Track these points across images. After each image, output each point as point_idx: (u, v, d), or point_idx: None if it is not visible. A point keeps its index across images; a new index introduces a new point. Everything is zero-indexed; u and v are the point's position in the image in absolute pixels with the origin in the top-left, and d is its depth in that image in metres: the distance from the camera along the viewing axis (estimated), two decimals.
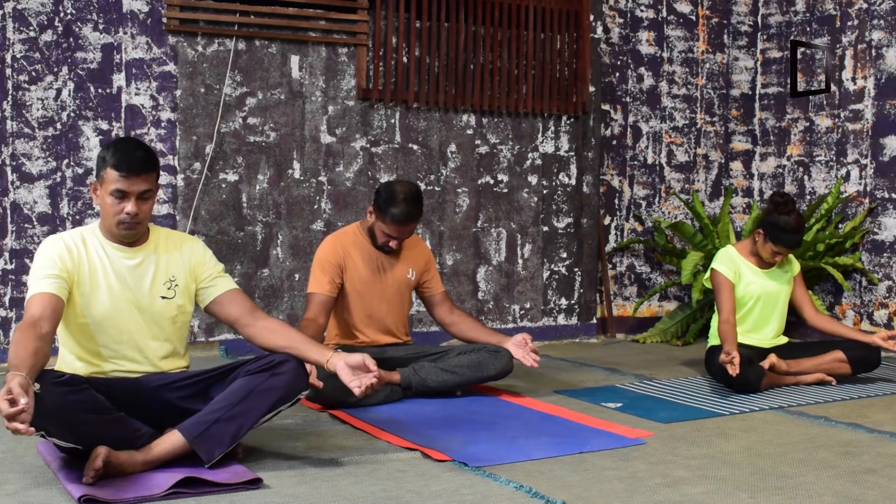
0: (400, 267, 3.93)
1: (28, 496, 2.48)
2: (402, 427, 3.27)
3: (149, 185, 2.78)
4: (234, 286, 2.99)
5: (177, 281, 2.92)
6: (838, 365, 4.20)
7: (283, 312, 4.95)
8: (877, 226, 5.41)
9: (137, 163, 2.75)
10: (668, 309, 5.99)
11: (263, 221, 4.92)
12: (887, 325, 5.30)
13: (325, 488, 2.57)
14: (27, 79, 4.46)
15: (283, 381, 2.74)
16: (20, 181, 4.46)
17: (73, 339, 2.82)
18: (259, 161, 4.90)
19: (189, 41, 4.75)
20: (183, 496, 2.47)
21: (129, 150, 2.77)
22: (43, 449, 2.83)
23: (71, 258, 2.77)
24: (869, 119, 5.46)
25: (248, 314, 2.93)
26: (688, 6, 6.07)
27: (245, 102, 4.87)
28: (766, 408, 3.71)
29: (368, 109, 5.13)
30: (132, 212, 2.76)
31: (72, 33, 4.53)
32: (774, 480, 2.72)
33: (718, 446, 3.12)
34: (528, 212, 5.55)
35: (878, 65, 5.41)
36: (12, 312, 4.45)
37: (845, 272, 5.45)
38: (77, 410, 2.49)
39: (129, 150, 2.77)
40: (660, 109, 6.01)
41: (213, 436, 2.66)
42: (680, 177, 6.10)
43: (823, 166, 5.74)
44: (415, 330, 5.08)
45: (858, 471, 2.82)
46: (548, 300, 5.62)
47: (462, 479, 2.67)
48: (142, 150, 2.79)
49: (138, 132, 4.65)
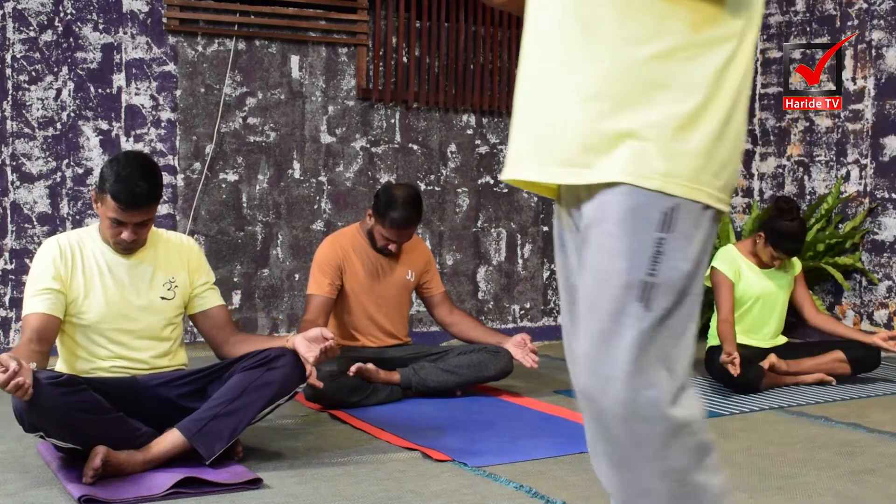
0: (399, 268, 3.93)
1: (28, 496, 2.48)
2: (402, 427, 3.27)
3: (148, 216, 2.79)
4: (222, 301, 3.05)
5: (176, 282, 2.93)
6: (838, 365, 4.20)
7: (283, 312, 4.95)
8: (877, 226, 5.41)
9: (137, 198, 2.72)
10: None
11: (263, 221, 4.92)
12: (887, 325, 5.30)
13: (325, 488, 2.57)
14: (27, 79, 4.46)
15: (280, 375, 2.75)
16: (20, 181, 4.46)
17: (72, 339, 2.83)
18: (259, 161, 4.90)
19: (189, 41, 4.75)
20: (183, 496, 2.47)
21: (131, 182, 2.71)
22: (43, 449, 2.83)
23: (64, 262, 2.79)
24: (869, 119, 5.46)
25: (230, 334, 3.00)
26: None
27: (245, 102, 4.87)
28: (766, 408, 3.71)
29: (368, 109, 5.13)
30: (129, 238, 2.78)
31: (72, 33, 4.53)
32: (774, 480, 2.72)
33: (718, 446, 3.11)
34: (528, 212, 5.55)
35: (878, 65, 5.41)
36: (12, 312, 4.45)
37: (845, 272, 5.45)
38: (76, 411, 2.49)
39: (131, 181, 2.71)
40: None
41: (211, 432, 2.66)
42: None
43: (823, 166, 5.73)
44: (415, 330, 5.08)
45: (858, 471, 2.82)
46: (548, 300, 5.62)
47: (462, 479, 2.67)
48: (144, 182, 2.73)
49: (138, 132, 4.65)
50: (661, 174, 1.34)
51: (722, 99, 1.36)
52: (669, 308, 1.36)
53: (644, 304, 1.35)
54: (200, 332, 3.04)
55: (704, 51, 1.35)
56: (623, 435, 1.37)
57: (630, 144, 1.35)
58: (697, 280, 1.39)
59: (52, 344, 2.73)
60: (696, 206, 1.36)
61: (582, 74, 1.38)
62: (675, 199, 1.34)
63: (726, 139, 1.38)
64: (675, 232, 1.35)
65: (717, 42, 1.36)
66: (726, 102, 1.37)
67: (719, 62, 1.36)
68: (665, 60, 1.35)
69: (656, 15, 1.35)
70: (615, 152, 1.35)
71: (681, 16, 1.34)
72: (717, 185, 1.38)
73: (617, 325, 1.35)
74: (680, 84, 1.35)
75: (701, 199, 1.36)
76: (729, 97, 1.37)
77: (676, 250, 1.35)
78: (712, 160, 1.36)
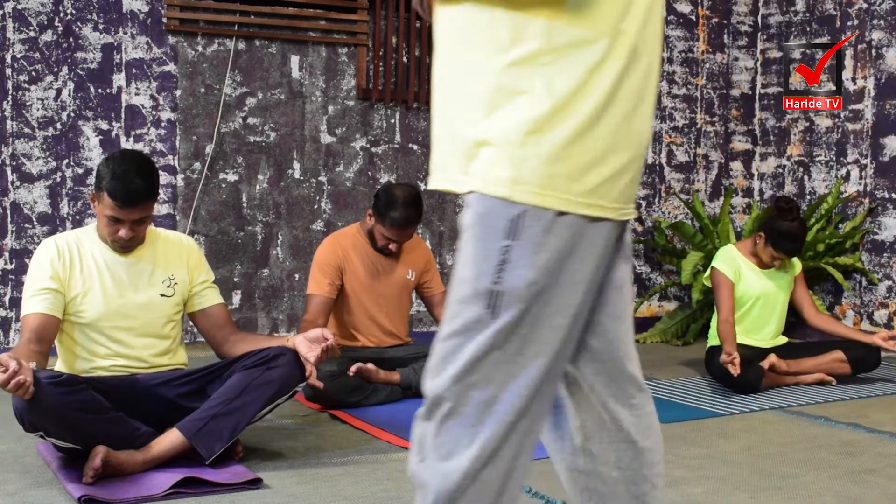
0: (399, 268, 3.93)
1: (28, 496, 2.48)
2: (402, 427, 3.27)
3: (145, 213, 2.79)
4: (222, 300, 3.04)
5: (176, 279, 2.93)
6: (838, 365, 4.20)
7: (283, 312, 4.95)
8: (877, 226, 5.41)
9: (134, 195, 2.72)
10: (669, 309, 5.99)
11: (263, 221, 4.92)
12: (887, 325, 5.30)
13: (325, 488, 2.57)
14: (27, 79, 4.46)
15: (279, 374, 2.76)
16: (20, 181, 4.46)
17: (71, 338, 2.83)
18: (259, 161, 4.90)
19: (189, 41, 4.75)
20: (183, 496, 2.47)
21: (127, 179, 2.71)
22: (43, 449, 2.83)
23: (62, 262, 2.79)
24: (869, 119, 5.46)
25: (229, 333, 3.00)
26: (688, 6, 6.07)
27: (245, 102, 4.87)
28: (766, 408, 3.71)
29: (368, 109, 5.13)
30: (126, 236, 2.78)
31: (72, 33, 4.53)
32: (774, 480, 2.72)
33: (718, 446, 3.12)
34: None
35: (878, 65, 5.41)
36: (12, 312, 4.46)
37: (845, 272, 5.45)
38: (75, 410, 2.49)
39: (127, 178, 2.71)
40: (660, 109, 6.01)
41: (211, 431, 2.66)
42: (680, 177, 6.10)
43: (823, 166, 5.73)
44: (415, 330, 5.08)
45: (858, 471, 2.82)
46: None
47: None
48: (140, 178, 2.73)
49: (138, 132, 4.65)
50: (508, 181, 1.33)
51: (583, 103, 1.33)
52: (516, 319, 1.34)
53: (491, 312, 1.34)
54: (200, 330, 3.04)
55: (564, 55, 1.33)
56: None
57: (485, 152, 1.34)
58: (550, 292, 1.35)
59: (51, 344, 2.73)
60: (547, 213, 1.33)
61: (458, 84, 1.39)
62: (522, 206, 1.33)
63: (588, 142, 1.34)
64: (522, 239, 1.33)
65: (578, 46, 1.33)
66: (588, 107, 1.33)
67: (581, 67, 1.33)
68: (524, 66, 1.33)
69: (518, 21, 1.33)
70: (474, 161, 1.36)
71: (539, 22, 1.32)
72: (579, 191, 1.34)
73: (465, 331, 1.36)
74: (538, 89, 1.32)
75: (551, 205, 1.33)
76: (593, 101, 1.33)
77: (522, 258, 1.33)
78: (568, 164, 1.33)
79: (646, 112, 1.42)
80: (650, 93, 1.42)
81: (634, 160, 1.40)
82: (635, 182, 1.44)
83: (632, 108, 1.38)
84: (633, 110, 1.38)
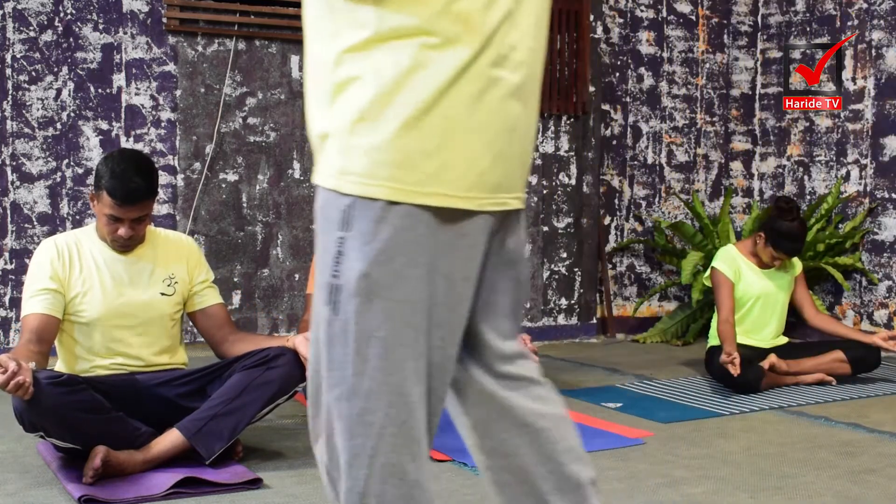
0: None
1: (28, 496, 2.48)
2: None
3: (145, 211, 2.79)
4: (221, 300, 3.04)
5: (176, 279, 2.94)
6: (838, 365, 4.20)
7: (283, 312, 4.95)
8: (877, 226, 5.41)
9: (133, 193, 2.72)
10: (668, 309, 5.99)
11: (263, 221, 4.92)
12: (887, 325, 5.30)
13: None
14: (27, 79, 4.46)
15: (279, 374, 2.75)
16: (20, 181, 4.46)
17: (70, 338, 2.83)
18: (259, 161, 4.90)
19: (189, 41, 4.74)
20: (183, 496, 2.47)
21: (126, 178, 2.72)
22: (43, 449, 2.83)
23: (62, 262, 2.79)
24: (869, 119, 5.46)
25: (229, 333, 2.99)
26: (688, 6, 6.07)
27: (245, 102, 4.87)
28: (766, 408, 3.71)
29: None
30: (126, 235, 2.78)
31: (72, 33, 4.53)
32: (774, 480, 2.72)
33: (718, 446, 3.12)
34: (528, 212, 5.55)
35: (878, 65, 5.41)
36: (12, 312, 4.46)
37: (845, 272, 5.45)
38: (75, 410, 2.49)
39: (126, 176, 2.72)
40: (660, 109, 6.01)
41: (211, 432, 2.66)
42: (680, 177, 6.10)
43: (823, 166, 5.74)
44: None
45: (858, 471, 2.82)
46: (548, 300, 5.62)
47: (462, 479, 2.67)
48: (139, 177, 2.74)
49: (138, 132, 4.65)
50: (337, 171, 1.31)
51: (416, 91, 1.27)
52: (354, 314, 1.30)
53: (332, 307, 1.32)
54: (199, 330, 3.04)
55: (392, 41, 1.28)
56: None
57: (328, 144, 1.33)
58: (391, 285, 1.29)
59: (51, 344, 2.73)
60: (375, 204, 1.28)
61: (310, 77, 1.38)
62: (350, 197, 1.30)
63: (423, 130, 1.28)
64: (353, 230, 1.30)
65: (408, 32, 1.28)
66: (422, 94, 1.27)
67: (407, 53, 1.27)
68: (356, 53, 1.30)
69: (351, 9, 1.30)
70: (321, 153, 1.35)
71: (368, 8, 1.29)
72: (412, 179, 1.28)
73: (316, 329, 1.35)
74: (367, 77, 1.29)
75: (379, 195, 1.28)
76: (428, 89, 1.27)
77: (353, 250, 1.29)
78: (397, 153, 1.28)
79: (505, 98, 1.34)
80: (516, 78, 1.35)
81: (492, 146, 1.33)
82: (505, 170, 1.36)
83: (480, 93, 1.31)
84: (483, 95, 1.31)
